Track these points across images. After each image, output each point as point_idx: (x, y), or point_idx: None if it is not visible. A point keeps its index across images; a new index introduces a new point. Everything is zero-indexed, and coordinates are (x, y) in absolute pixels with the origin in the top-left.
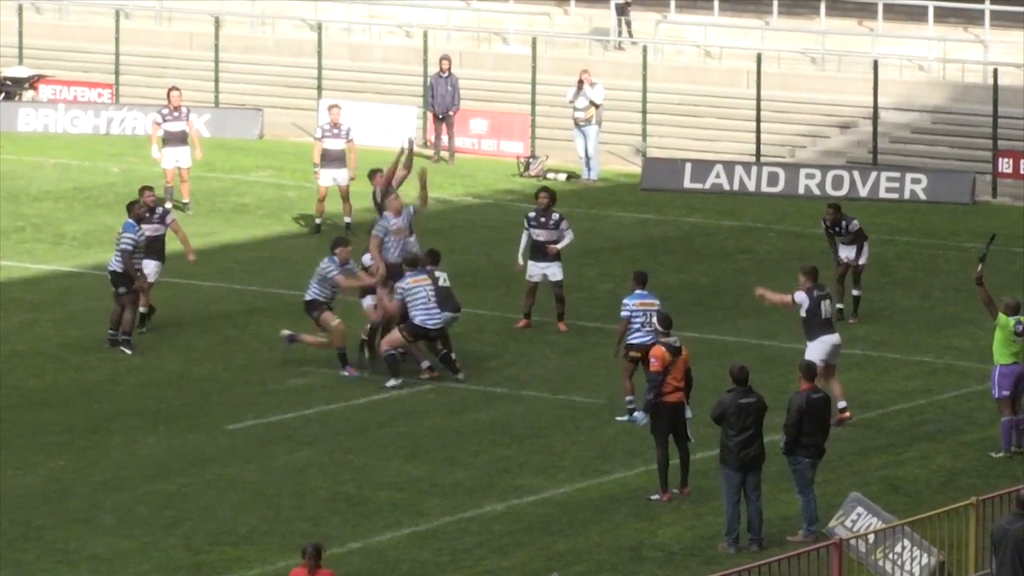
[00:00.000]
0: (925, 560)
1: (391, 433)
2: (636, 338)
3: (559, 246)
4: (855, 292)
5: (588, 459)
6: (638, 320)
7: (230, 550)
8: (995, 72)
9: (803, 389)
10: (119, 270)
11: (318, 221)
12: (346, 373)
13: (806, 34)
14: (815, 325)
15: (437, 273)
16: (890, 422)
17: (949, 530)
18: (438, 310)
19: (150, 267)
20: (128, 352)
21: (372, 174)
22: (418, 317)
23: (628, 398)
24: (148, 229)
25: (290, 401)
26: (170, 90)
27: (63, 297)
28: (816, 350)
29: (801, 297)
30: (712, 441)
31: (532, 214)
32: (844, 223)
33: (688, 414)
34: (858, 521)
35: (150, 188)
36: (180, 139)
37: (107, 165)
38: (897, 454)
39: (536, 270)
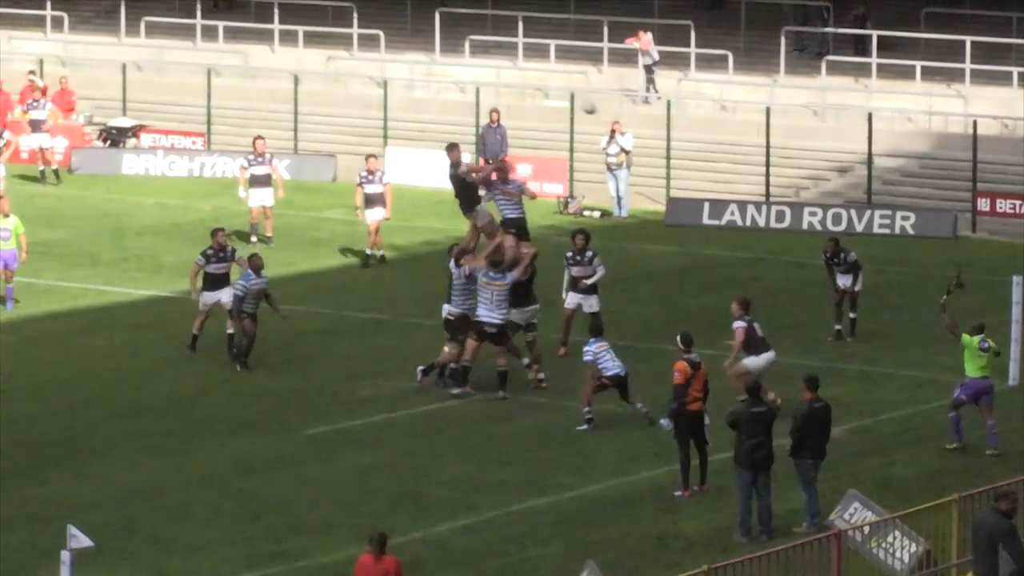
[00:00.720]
0: (913, 549)
1: (446, 437)
2: (608, 370)
3: (591, 280)
4: (851, 315)
5: (619, 460)
6: (603, 358)
7: (306, 540)
8: (974, 123)
9: (806, 399)
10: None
11: (369, 252)
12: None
13: (809, 90)
14: (754, 344)
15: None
16: (882, 428)
17: (934, 523)
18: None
19: (210, 299)
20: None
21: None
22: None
23: (586, 409)
24: (218, 267)
25: (358, 410)
26: (255, 139)
27: (160, 319)
28: (755, 363)
29: (738, 324)
30: (728, 445)
31: (570, 254)
32: (843, 255)
33: (706, 421)
34: (855, 514)
35: (222, 229)
36: (264, 181)
37: (200, 204)
38: (889, 456)
39: (573, 299)
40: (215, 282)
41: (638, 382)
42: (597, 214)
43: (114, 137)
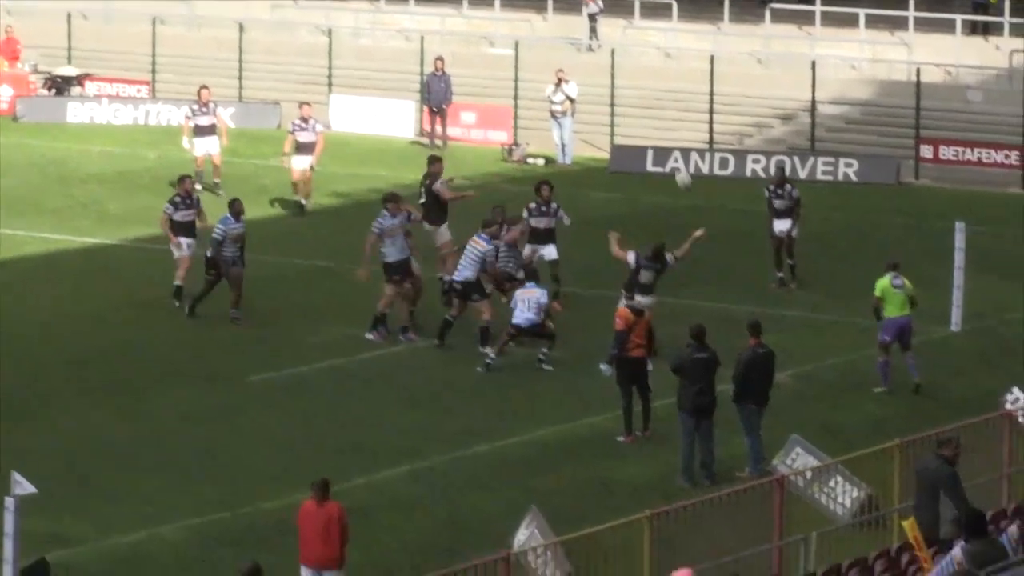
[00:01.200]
0: (855, 494)
1: (391, 385)
2: (513, 319)
3: (568, 221)
4: (789, 262)
5: (563, 406)
6: (516, 306)
7: (251, 487)
8: (918, 70)
9: (750, 344)
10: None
11: (304, 203)
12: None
13: (753, 38)
14: (634, 285)
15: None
16: (825, 374)
17: (876, 468)
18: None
19: (184, 244)
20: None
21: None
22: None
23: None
24: (185, 214)
25: (304, 357)
26: (200, 88)
27: (106, 267)
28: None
29: (632, 258)
30: (671, 390)
31: (534, 204)
32: (788, 187)
33: (649, 367)
34: (797, 460)
35: (189, 176)
36: (209, 131)
37: (145, 152)
38: (831, 402)
39: (528, 250)
40: (184, 230)
41: (582, 328)
42: (541, 161)
43: (59, 85)
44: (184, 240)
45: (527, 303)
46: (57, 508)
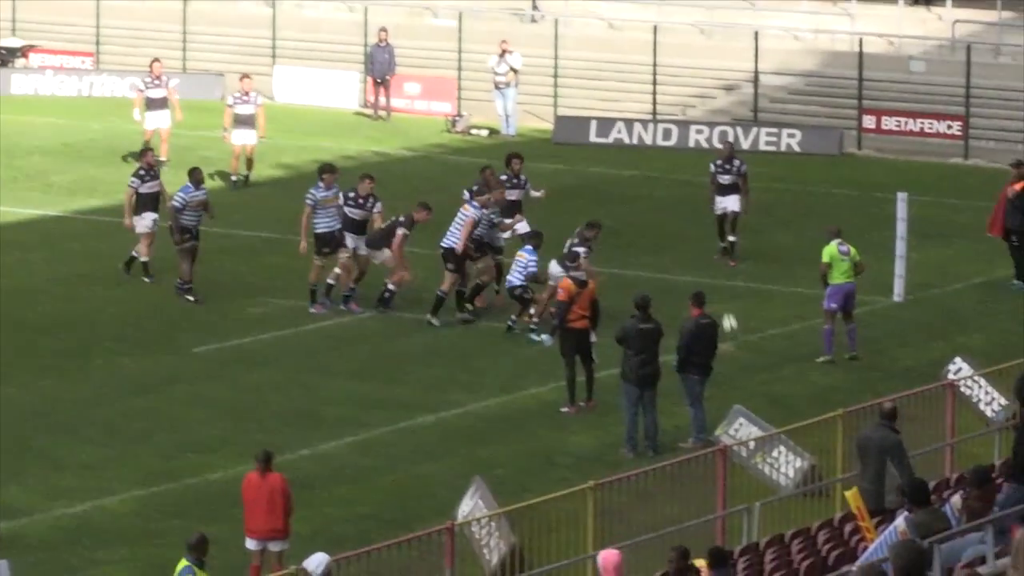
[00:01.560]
0: (799, 464)
1: (337, 355)
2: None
3: (536, 194)
4: (731, 238)
5: (508, 377)
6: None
7: (197, 457)
8: (860, 41)
9: (693, 315)
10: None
11: (234, 178)
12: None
13: (696, 8)
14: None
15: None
16: (769, 345)
17: (820, 438)
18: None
19: (149, 219)
20: (191, 299)
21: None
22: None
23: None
24: (151, 187)
25: (249, 328)
26: (152, 61)
27: (51, 238)
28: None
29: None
30: (615, 361)
31: (504, 177)
32: (736, 162)
33: (593, 338)
34: (740, 430)
35: (151, 149)
36: (161, 104)
37: (90, 123)
38: (775, 372)
39: (524, 225)
40: (149, 203)
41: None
42: (485, 132)
43: (3, 57)
44: (149, 215)
45: (515, 264)
46: (4, 478)
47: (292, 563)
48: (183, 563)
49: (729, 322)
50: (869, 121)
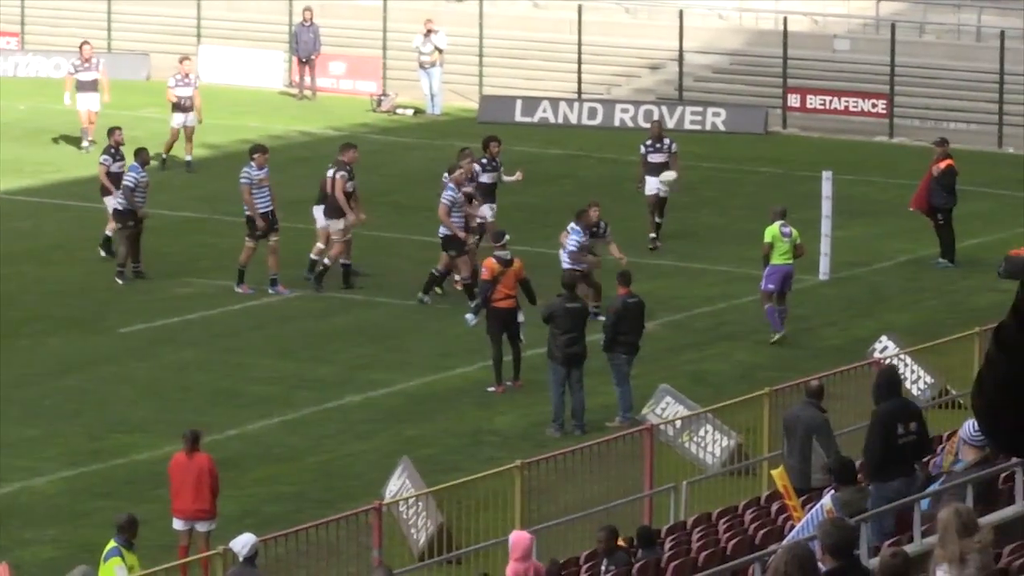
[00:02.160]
0: (725, 442)
1: (264, 335)
2: None
3: (508, 179)
4: (657, 220)
5: (435, 356)
6: None
7: (124, 437)
8: (785, 19)
9: (621, 294)
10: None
11: (165, 157)
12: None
13: None
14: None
15: None
16: (696, 323)
17: (746, 416)
18: None
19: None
20: (120, 282)
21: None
22: None
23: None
24: (121, 166)
25: (175, 307)
26: (82, 44)
27: None
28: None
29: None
30: (541, 340)
31: (484, 160)
32: (667, 141)
33: (521, 318)
34: (667, 409)
35: (119, 128)
36: (91, 87)
37: (15, 104)
38: (702, 351)
39: (486, 210)
40: (118, 181)
41: (452, 278)
42: (410, 112)
43: None
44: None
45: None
46: None
47: (219, 543)
48: (111, 544)
49: (666, 182)
50: (794, 100)
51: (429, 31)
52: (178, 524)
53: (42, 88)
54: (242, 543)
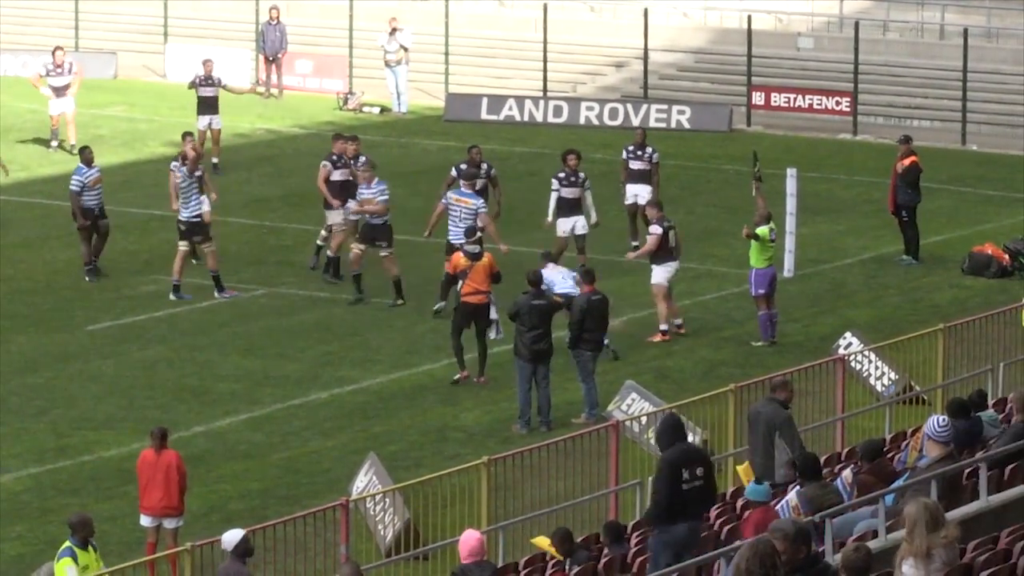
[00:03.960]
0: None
1: (229, 332)
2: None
3: (589, 204)
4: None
5: (400, 354)
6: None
7: (91, 434)
8: (749, 17)
9: (585, 291)
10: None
11: (215, 160)
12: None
13: None
14: (663, 251)
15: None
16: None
17: (711, 412)
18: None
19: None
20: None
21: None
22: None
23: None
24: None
25: (142, 305)
26: (55, 49)
27: None
28: (661, 273)
29: (655, 228)
30: (507, 336)
31: (562, 175)
32: (649, 149)
33: (494, 314)
34: (632, 405)
35: (191, 134)
36: (64, 91)
37: None
38: (666, 347)
39: (567, 225)
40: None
41: (420, 277)
42: (376, 110)
43: None
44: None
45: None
46: None
47: (187, 540)
48: (65, 543)
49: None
50: (758, 97)
51: (394, 29)
52: (146, 521)
53: (10, 87)
54: (231, 538)
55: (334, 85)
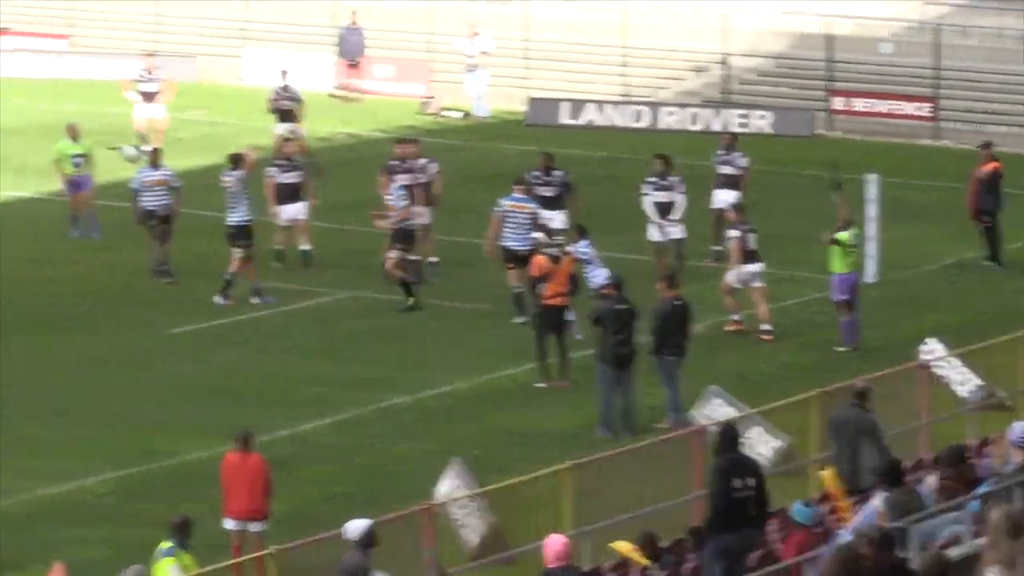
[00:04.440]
0: (775, 444)
1: (312, 336)
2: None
3: (678, 207)
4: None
5: (482, 357)
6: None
7: (174, 437)
8: (830, 22)
9: (667, 297)
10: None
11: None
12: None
13: None
14: (739, 254)
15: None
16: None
17: (794, 418)
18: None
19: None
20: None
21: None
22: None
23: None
24: (290, 176)
25: (224, 309)
26: (146, 55)
27: (25, 220)
28: (732, 274)
29: (732, 233)
30: (587, 340)
31: (653, 178)
32: (737, 154)
33: (571, 316)
34: (716, 411)
35: (291, 139)
36: (153, 97)
37: (64, 106)
38: (749, 352)
39: (658, 233)
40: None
41: (498, 283)
42: (458, 114)
43: None
44: (288, 206)
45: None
46: None
47: (271, 543)
48: (166, 544)
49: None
50: (839, 103)
51: (475, 34)
52: (230, 524)
53: (91, 90)
54: (355, 527)
55: (415, 89)
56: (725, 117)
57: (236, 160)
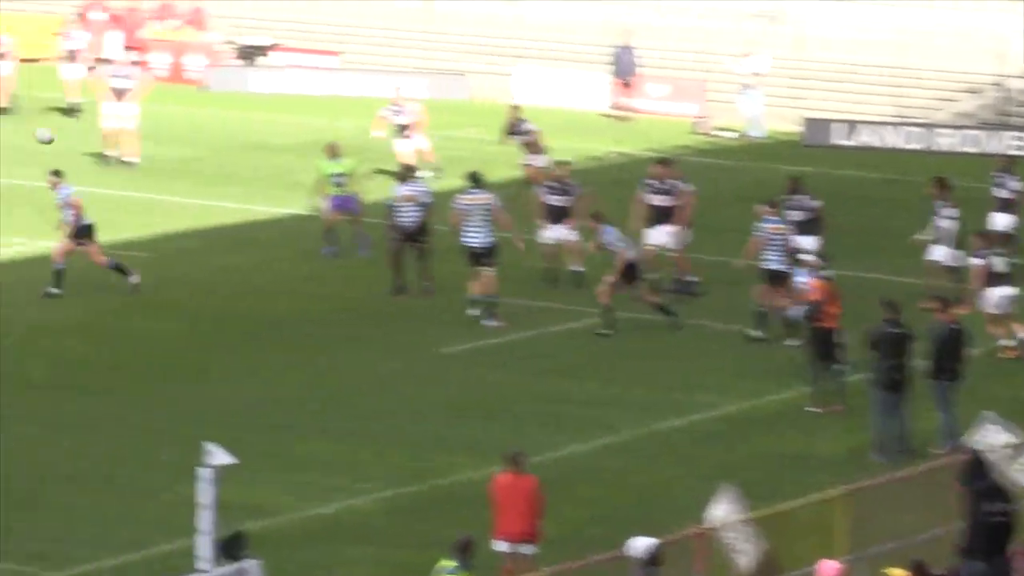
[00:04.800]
0: None
1: (581, 356)
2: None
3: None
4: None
5: (753, 380)
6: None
7: (444, 458)
8: None
9: (943, 320)
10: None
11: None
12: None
13: (940, 10)
14: (989, 278)
15: None
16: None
17: None
18: None
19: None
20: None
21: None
22: None
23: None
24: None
25: (494, 330)
26: (397, 89)
27: (294, 237)
28: (987, 299)
29: (975, 261)
30: (863, 364)
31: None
32: (1016, 178)
33: (843, 340)
34: (990, 437)
35: (569, 162)
36: (407, 130)
37: (336, 123)
38: (1018, 378)
39: (940, 254)
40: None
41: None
42: (733, 134)
43: (247, 54)
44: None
45: None
46: (248, 477)
47: (543, 566)
48: (448, 563)
49: (41, 133)
50: None
51: (749, 54)
52: (502, 546)
53: (363, 107)
54: (640, 545)
55: (688, 109)
56: (1001, 139)
57: (476, 179)
